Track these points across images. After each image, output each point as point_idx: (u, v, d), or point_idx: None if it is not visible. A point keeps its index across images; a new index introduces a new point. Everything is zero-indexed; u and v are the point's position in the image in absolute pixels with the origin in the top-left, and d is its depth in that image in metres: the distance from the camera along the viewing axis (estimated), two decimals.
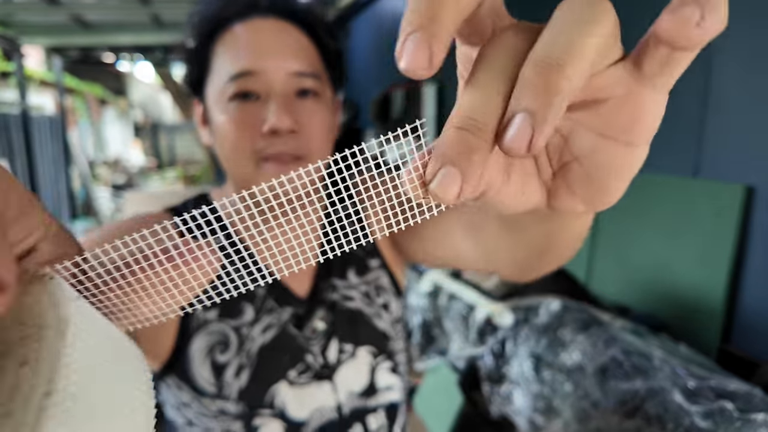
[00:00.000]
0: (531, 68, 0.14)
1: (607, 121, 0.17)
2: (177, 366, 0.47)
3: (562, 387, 0.91)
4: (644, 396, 0.82)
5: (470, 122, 0.14)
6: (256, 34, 0.46)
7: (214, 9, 0.47)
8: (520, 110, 0.13)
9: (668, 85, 0.16)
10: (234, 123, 0.45)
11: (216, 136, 0.48)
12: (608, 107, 0.17)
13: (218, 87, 0.46)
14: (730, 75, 0.99)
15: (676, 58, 0.15)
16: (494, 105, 0.14)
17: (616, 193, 0.19)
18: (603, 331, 0.93)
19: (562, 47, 0.14)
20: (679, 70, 0.15)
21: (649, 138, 0.17)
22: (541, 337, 0.94)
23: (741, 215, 0.97)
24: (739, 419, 0.72)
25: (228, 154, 0.47)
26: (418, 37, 0.14)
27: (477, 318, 1.01)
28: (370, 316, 0.53)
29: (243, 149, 0.45)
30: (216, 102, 0.47)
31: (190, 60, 0.49)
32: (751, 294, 0.99)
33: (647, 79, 0.16)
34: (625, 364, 0.89)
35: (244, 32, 0.47)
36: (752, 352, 0.98)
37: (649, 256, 1.17)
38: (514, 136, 0.13)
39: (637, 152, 0.17)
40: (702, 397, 0.79)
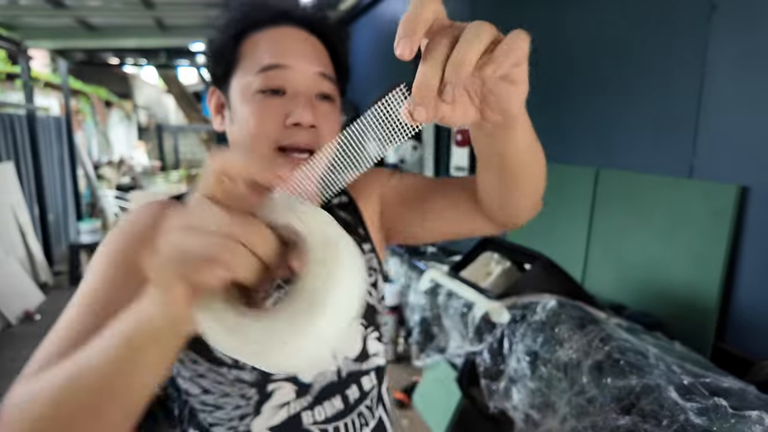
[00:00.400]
0: (450, 65, 0.28)
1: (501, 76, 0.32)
2: (193, 341, 0.48)
3: (558, 383, 0.93)
4: (639, 393, 0.83)
5: (425, 85, 0.29)
6: (285, 37, 0.54)
7: (246, 11, 0.54)
8: (447, 81, 0.29)
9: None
10: (259, 112, 0.51)
11: (236, 123, 0.53)
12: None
13: (245, 79, 0.52)
14: (724, 76, 1.01)
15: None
16: (436, 77, 0.29)
17: (515, 103, 0.33)
18: (599, 329, 0.94)
19: (463, 52, 0.28)
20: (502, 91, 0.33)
21: (525, 78, 0.32)
22: (538, 334, 0.95)
23: (735, 215, 0.98)
24: (733, 416, 0.73)
25: (246, 139, 0.52)
26: (404, 41, 0.28)
27: (475, 316, 1.02)
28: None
29: (264, 137, 0.50)
30: (241, 92, 0.52)
31: (217, 53, 0.54)
32: (745, 293, 1.00)
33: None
34: (620, 362, 0.90)
35: (274, 34, 0.54)
36: (746, 350, 0.99)
37: (645, 256, 1.18)
38: (445, 93, 0.29)
39: (521, 87, 0.32)
40: (696, 394, 0.80)
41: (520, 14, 1.70)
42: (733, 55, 0.98)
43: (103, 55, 6.03)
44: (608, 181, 1.31)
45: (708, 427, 0.72)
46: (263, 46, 0.53)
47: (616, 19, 1.28)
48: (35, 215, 5.10)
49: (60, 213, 5.78)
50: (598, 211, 1.33)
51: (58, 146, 5.77)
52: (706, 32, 1.03)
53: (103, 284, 0.47)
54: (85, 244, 4.79)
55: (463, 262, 1.20)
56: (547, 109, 1.58)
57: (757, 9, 0.93)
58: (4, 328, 3.79)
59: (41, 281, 4.75)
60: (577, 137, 1.45)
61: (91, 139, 7.98)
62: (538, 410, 0.96)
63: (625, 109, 1.26)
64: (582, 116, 1.42)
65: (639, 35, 1.21)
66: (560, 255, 1.44)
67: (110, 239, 0.50)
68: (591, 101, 1.38)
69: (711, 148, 1.04)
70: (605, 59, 1.32)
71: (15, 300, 4.02)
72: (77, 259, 4.81)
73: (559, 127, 1.53)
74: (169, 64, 5.78)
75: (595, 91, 1.36)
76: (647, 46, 1.18)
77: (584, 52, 1.39)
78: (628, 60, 1.24)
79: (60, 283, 4.91)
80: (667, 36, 1.13)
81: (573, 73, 1.44)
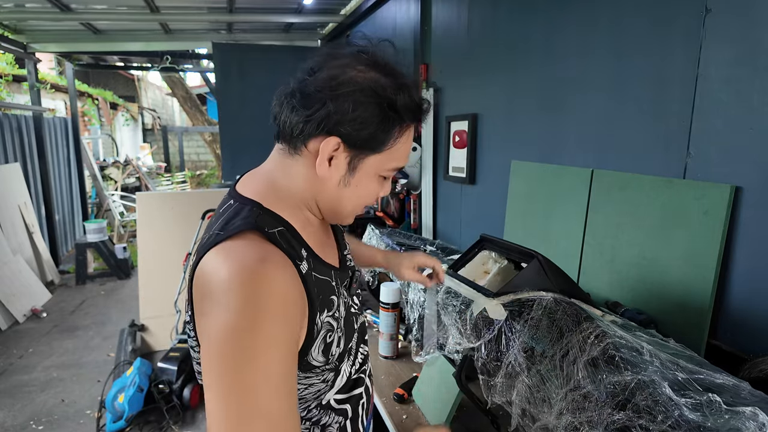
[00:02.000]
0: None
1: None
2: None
3: (554, 379, 0.94)
4: (634, 388, 0.84)
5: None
6: (411, 139, 0.67)
7: (418, 106, 0.64)
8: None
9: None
10: (376, 189, 0.68)
11: (353, 187, 0.65)
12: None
13: (382, 164, 0.64)
14: (718, 78, 1.02)
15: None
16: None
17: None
18: (594, 326, 0.95)
19: None
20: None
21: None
22: (535, 331, 0.97)
23: (728, 214, 0.99)
24: (727, 411, 0.74)
25: (356, 201, 0.67)
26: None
27: (473, 313, 1.04)
28: (357, 267, 0.83)
29: (370, 203, 0.69)
30: (371, 172, 0.65)
31: (375, 135, 0.61)
32: (737, 291, 1.01)
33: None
34: (616, 358, 0.91)
35: (409, 136, 0.66)
36: (739, 347, 1.01)
37: (640, 254, 1.20)
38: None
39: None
40: (691, 390, 0.81)
41: (514, 21, 1.72)
42: (727, 57, 1.00)
43: (108, 58, 6.08)
44: (602, 181, 1.32)
45: (702, 423, 0.73)
46: (406, 150, 0.66)
47: (609, 20, 1.29)
48: (42, 215, 5.16)
49: (66, 213, 5.84)
50: (593, 211, 1.35)
51: (64, 147, 5.84)
52: (699, 35, 1.05)
53: (283, 367, 0.53)
54: (91, 243, 4.84)
55: (461, 261, 1.22)
56: (542, 110, 1.60)
57: (752, 12, 0.95)
58: (12, 326, 3.84)
59: (48, 280, 4.81)
60: (572, 138, 1.47)
61: (97, 140, 8.05)
62: (534, 405, 0.97)
63: (620, 110, 1.28)
64: (577, 117, 1.44)
65: (633, 37, 1.22)
66: (556, 253, 1.45)
67: (261, 320, 0.52)
68: (585, 102, 1.40)
69: (704, 149, 1.06)
70: (599, 60, 1.33)
71: (22, 298, 4.07)
72: (84, 258, 4.86)
73: (555, 128, 1.54)
74: (174, 67, 5.82)
75: (590, 92, 1.38)
76: (641, 48, 1.20)
77: (578, 53, 1.41)
78: (622, 61, 1.26)
79: (66, 281, 4.97)
80: (661, 38, 1.14)
81: (567, 74, 1.46)
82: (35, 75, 4.99)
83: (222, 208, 0.66)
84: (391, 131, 0.61)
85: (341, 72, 0.59)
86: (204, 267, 0.56)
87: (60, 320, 4.01)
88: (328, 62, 0.61)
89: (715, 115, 1.03)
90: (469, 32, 2.05)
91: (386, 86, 0.60)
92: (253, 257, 0.54)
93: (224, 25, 4.46)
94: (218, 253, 0.56)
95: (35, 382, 3.00)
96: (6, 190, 4.37)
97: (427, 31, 2.48)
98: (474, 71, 2.04)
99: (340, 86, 0.59)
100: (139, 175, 8.03)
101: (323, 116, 0.59)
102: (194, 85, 10.91)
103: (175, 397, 2.58)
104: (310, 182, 0.64)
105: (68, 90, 5.96)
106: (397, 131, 0.62)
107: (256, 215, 0.60)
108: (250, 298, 0.51)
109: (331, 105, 0.58)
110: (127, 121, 10.35)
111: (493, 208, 1.94)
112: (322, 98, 0.59)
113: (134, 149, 10.42)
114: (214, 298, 0.53)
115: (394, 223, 2.87)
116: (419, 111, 0.64)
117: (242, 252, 0.55)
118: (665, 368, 0.86)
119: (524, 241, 1.38)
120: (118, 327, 3.71)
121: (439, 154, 2.40)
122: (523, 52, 1.69)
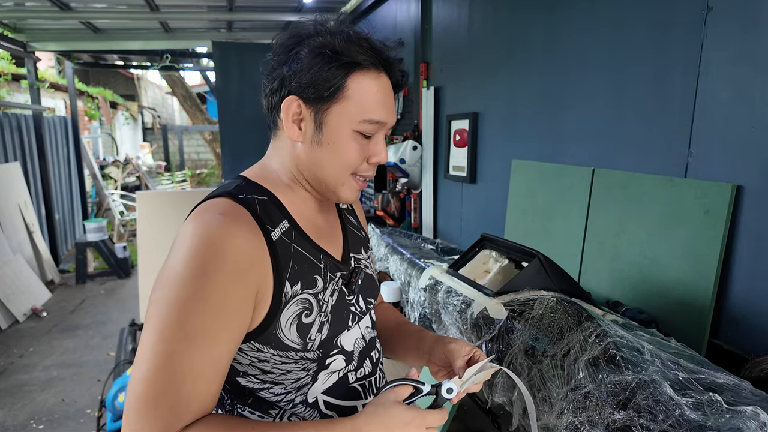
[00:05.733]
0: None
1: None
2: (260, 333, 0.61)
3: (555, 379, 0.94)
4: (635, 388, 0.84)
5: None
6: (387, 92, 0.65)
7: (364, 49, 0.62)
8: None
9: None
10: (356, 150, 0.64)
11: (327, 146, 0.64)
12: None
13: (350, 117, 0.63)
14: (720, 77, 1.02)
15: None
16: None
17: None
18: (595, 326, 0.95)
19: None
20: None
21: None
22: (535, 330, 0.97)
23: (729, 213, 0.99)
24: (728, 411, 0.74)
25: (335, 163, 0.64)
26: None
27: (473, 312, 1.04)
28: (375, 277, 0.79)
29: (350, 167, 0.65)
30: (341, 126, 0.63)
31: (320, 78, 0.61)
32: (738, 291, 1.01)
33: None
34: (616, 357, 0.91)
35: (380, 85, 0.64)
36: (739, 346, 1.01)
37: (641, 254, 1.20)
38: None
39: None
40: (692, 390, 0.81)
41: (515, 19, 1.71)
42: (729, 55, 1.00)
43: (108, 57, 6.07)
44: (604, 180, 1.32)
45: (703, 422, 0.72)
46: (375, 98, 0.63)
47: (610, 18, 1.29)
48: (42, 214, 5.16)
49: (66, 212, 5.84)
50: (594, 210, 1.34)
51: (64, 146, 5.83)
52: (701, 33, 1.05)
53: (213, 320, 0.55)
54: (91, 242, 4.84)
55: (461, 260, 1.22)
56: (543, 108, 1.59)
57: (753, 10, 0.94)
58: (12, 325, 3.84)
59: (48, 279, 4.81)
60: (573, 137, 1.47)
61: (97, 139, 8.04)
62: (535, 404, 0.97)
63: (621, 108, 1.27)
64: (578, 116, 1.43)
65: (634, 35, 1.22)
66: (557, 253, 1.45)
67: (206, 270, 0.55)
68: (586, 101, 1.39)
69: (706, 147, 1.06)
70: (600, 58, 1.33)
71: (22, 297, 4.07)
72: (84, 257, 4.86)
73: (555, 127, 1.54)
74: (174, 66, 5.82)
75: (591, 91, 1.37)
76: (643, 46, 1.19)
77: (578, 53, 1.40)
78: (623, 59, 1.25)
79: (66, 281, 4.97)
80: (663, 36, 1.14)
81: (568, 72, 1.46)
82: (35, 74, 4.98)
83: None
84: (336, 71, 0.61)
85: (295, 41, 0.64)
86: (181, 229, 0.60)
87: (60, 319, 4.01)
88: (283, 38, 0.65)
89: (717, 113, 1.03)
90: (469, 30, 2.04)
91: (329, 36, 0.63)
92: (213, 213, 0.58)
93: (224, 24, 4.45)
94: (192, 214, 0.61)
95: (35, 382, 3.00)
96: (6, 190, 4.37)
97: (428, 30, 2.47)
98: (474, 70, 2.03)
99: (290, 50, 0.63)
100: (139, 174, 8.02)
101: (280, 82, 0.63)
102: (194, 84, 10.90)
103: None
104: (293, 154, 0.67)
105: (68, 89, 5.95)
106: (343, 73, 0.61)
107: (236, 184, 0.65)
108: (198, 247, 0.55)
109: (284, 69, 0.63)
110: (127, 120, 10.34)
111: (494, 207, 1.93)
112: (277, 67, 0.64)
113: (134, 148, 10.41)
114: (172, 247, 0.58)
115: (395, 222, 2.87)
116: (373, 52, 0.63)
117: (207, 210, 0.59)
118: (666, 368, 0.86)
119: (525, 240, 1.38)
120: (118, 326, 3.71)
121: (440, 153, 2.40)
122: (523, 50, 1.69)
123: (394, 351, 0.85)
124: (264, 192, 0.65)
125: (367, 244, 0.81)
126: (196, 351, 0.54)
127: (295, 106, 0.63)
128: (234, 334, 0.58)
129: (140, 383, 0.52)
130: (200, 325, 0.54)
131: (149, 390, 0.52)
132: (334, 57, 0.61)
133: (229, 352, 0.58)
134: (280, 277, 0.61)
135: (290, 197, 0.67)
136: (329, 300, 0.66)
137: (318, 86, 0.61)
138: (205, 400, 0.56)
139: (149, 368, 0.52)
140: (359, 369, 0.71)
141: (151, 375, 0.52)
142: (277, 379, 0.64)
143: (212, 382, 0.56)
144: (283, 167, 0.68)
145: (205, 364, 0.55)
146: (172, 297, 0.54)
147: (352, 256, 0.75)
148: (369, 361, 0.74)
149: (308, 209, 0.70)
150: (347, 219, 0.80)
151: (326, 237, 0.71)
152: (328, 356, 0.66)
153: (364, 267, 0.76)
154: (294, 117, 0.63)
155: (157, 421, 0.51)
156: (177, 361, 0.53)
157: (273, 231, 0.62)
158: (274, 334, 0.61)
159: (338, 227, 0.77)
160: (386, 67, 0.65)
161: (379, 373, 0.77)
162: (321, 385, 0.66)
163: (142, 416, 0.51)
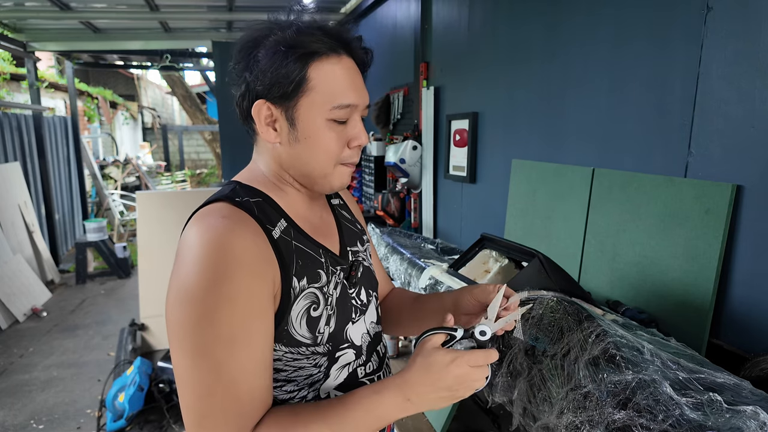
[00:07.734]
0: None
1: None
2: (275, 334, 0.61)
3: (555, 378, 0.94)
4: (635, 388, 0.84)
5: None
6: (352, 73, 0.64)
7: (316, 37, 0.61)
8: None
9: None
10: (333, 139, 0.64)
11: (304, 141, 0.64)
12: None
13: (318, 108, 0.62)
14: (719, 77, 1.02)
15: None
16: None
17: None
18: (595, 325, 0.95)
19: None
20: None
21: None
22: (536, 330, 0.97)
23: (729, 213, 0.99)
24: (728, 410, 0.74)
25: (319, 157, 0.64)
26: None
27: None
28: (373, 270, 0.80)
29: (334, 157, 0.65)
30: (312, 117, 0.62)
31: (280, 75, 0.61)
32: (738, 290, 1.01)
33: None
34: (616, 357, 0.91)
35: (343, 68, 0.63)
36: (739, 346, 1.01)
37: (641, 253, 1.20)
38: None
39: None
40: (692, 389, 0.81)
41: (515, 18, 1.71)
42: (728, 55, 1.00)
43: (108, 57, 6.08)
44: (604, 180, 1.32)
45: (703, 422, 0.72)
46: (340, 82, 0.63)
47: (610, 18, 1.29)
48: (42, 214, 5.16)
49: (66, 212, 5.84)
50: (594, 210, 1.34)
51: (64, 146, 5.83)
52: (701, 33, 1.05)
53: (247, 323, 0.56)
54: (91, 242, 4.84)
55: (461, 260, 1.22)
56: (542, 108, 1.60)
57: (753, 11, 0.94)
58: (12, 325, 3.84)
59: (48, 279, 4.81)
60: (573, 137, 1.47)
61: (97, 139, 8.05)
62: (535, 404, 0.97)
63: (621, 108, 1.27)
64: (578, 116, 1.43)
65: (634, 35, 1.22)
66: (557, 253, 1.45)
67: (225, 274, 0.55)
68: (587, 100, 1.39)
69: (706, 147, 1.06)
70: (600, 58, 1.33)
71: (22, 297, 4.07)
72: (84, 257, 4.86)
73: (555, 127, 1.54)
74: (173, 66, 5.82)
75: (591, 90, 1.37)
76: (642, 46, 1.19)
77: (578, 52, 1.40)
78: (623, 59, 1.26)
79: (66, 281, 4.97)
80: (663, 36, 1.14)
81: (568, 72, 1.46)
82: (35, 74, 4.98)
83: None
84: (293, 65, 0.61)
85: (252, 45, 0.64)
86: (181, 237, 0.61)
87: (60, 319, 4.01)
88: (241, 43, 0.65)
89: (717, 113, 1.03)
90: (469, 30, 2.04)
91: (280, 32, 0.62)
92: (216, 217, 0.59)
93: (224, 24, 4.45)
94: (191, 221, 0.62)
95: (35, 382, 3.00)
96: (6, 190, 4.37)
97: (428, 30, 2.47)
98: (474, 69, 2.03)
99: (249, 54, 0.63)
100: (139, 174, 8.02)
101: (245, 88, 0.64)
102: (194, 84, 10.90)
103: (175, 396, 2.58)
104: (275, 156, 0.67)
105: (68, 89, 5.95)
106: (302, 65, 0.61)
107: (231, 189, 0.66)
108: (210, 253, 0.55)
109: (246, 74, 0.63)
110: (127, 120, 10.34)
111: (494, 207, 1.93)
112: (241, 74, 0.64)
113: (134, 148, 10.42)
114: (179, 258, 0.58)
115: (395, 222, 2.87)
116: (328, 37, 0.62)
117: (208, 215, 0.60)
118: (666, 367, 0.86)
119: (525, 240, 1.38)
120: (118, 326, 3.72)
121: (440, 152, 2.40)
122: (523, 50, 1.69)
123: (420, 319, 0.82)
124: (258, 194, 0.66)
125: (362, 237, 0.81)
126: (241, 353, 0.55)
127: (264, 109, 0.63)
128: (268, 325, 0.59)
129: (199, 402, 0.54)
130: (236, 328, 0.55)
131: (213, 404, 0.54)
132: (289, 51, 0.60)
133: (270, 344, 0.60)
134: (287, 273, 0.62)
135: (282, 197, 0.68)
136: (333, 293, 0.67)
137: (281, 84, 0.61)
138: (264, 395, 0.58)
139: (202, 386, 0.54)
140: (368, 363, 0.73)
141: (207, 391, 0.54)
142: (289, 376, 0.65)
143: (264, 377, 0.58)
144: (269, 170, 0.69)
145: (253, 362, 0.56)
146: (198, 312, 0.54)
147: (350, 250, 0.76)
148: (376, 355, 0.75)
149: (301, 207, 0.71)
150: (340, 214, 0.80)
151: (322, 233, 0.72)
152: (337, 350, 0.67)
153: (362, 260, 0.77)
154: (266, 120, 0.64)
155: (231, 430, 0.54)
156: (226, 369, 0.54)
157: (273, 230, 0.63)
158: (286, 330, 0.62)
159: (332, 222, 0.77)
160: (346, 48, 0.64)
161: (386, 368, 0.78)
162: (333, 381, 0.68)
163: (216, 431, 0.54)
